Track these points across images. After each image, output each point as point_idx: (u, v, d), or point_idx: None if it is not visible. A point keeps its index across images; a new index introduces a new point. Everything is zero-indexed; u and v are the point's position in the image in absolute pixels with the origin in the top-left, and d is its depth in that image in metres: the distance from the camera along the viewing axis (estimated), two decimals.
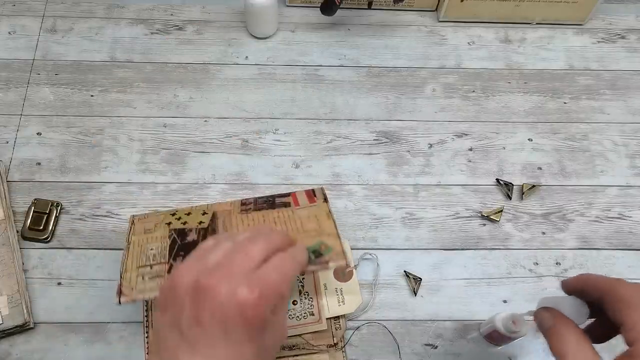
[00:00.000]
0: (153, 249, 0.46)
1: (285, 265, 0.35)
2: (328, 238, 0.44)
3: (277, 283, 0.33)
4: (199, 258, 0.35)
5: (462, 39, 0.70)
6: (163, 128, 0.62)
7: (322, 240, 0.43)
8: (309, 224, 0.46)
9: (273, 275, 0.33)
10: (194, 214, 0.50)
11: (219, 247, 0.35)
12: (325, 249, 0.42)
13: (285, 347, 0.49)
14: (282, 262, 0.35)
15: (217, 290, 0.31)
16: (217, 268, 0.33)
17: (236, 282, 0.32)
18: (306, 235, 0.44)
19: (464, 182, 0.60)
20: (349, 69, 0.67)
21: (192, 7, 0.70)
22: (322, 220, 0.46)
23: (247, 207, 0.50)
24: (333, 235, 0.44)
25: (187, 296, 0.32)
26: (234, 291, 0.31)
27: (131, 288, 0.43)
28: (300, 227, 0.46)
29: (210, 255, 0.34)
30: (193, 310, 0.32)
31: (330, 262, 0.41)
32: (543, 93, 0.66)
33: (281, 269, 0.34)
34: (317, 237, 0.44)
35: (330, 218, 0.46)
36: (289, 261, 0.36)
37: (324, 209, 0.47)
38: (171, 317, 0.33)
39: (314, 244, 0.43)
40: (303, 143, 0.62)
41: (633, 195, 0.60)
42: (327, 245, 0.43)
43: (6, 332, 0.50)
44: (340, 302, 0.52)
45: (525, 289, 0.55)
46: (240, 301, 0.31)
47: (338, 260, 0.41)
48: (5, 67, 0.65)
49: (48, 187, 0.58)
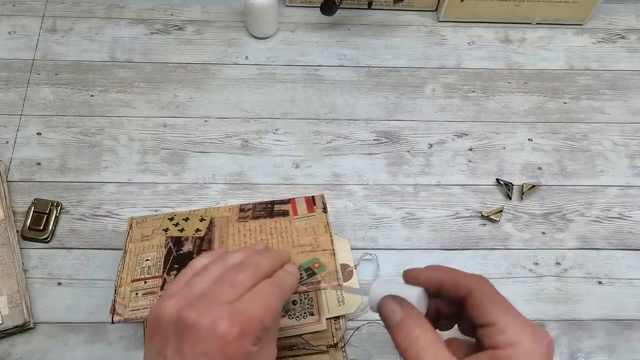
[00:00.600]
0: (149, 260, 0.46)
1: (270, 295, 0.34)
2: (323, 255, 0.43)
3: (259, 316, 0.33)
4: (186, 284, 0.35)
5: (462, 39, 0.70)
6: (163, 128, 0.62)
7: (317, 258, 0.43)
8: (305, 238, 0.45)
9: (256, 308, 0.33)
10: (192, 219, 0.49)
11: (207, 272, 0.35)
12: (318, 268, 0.42)
13: (284, 347, 0.49)
14: (267, 292, 0.34)
15: (198, 323, 0.31)
16: (201, 299, 0.33)
17: (218, 315, 0.31)
18: (301, 250, 0.44)
19: (464, 182, 0.60)
20: (349, 69, 0.67)
21: (192, 7, 0.70)
22: (319, 233, 0.46)
23: (246, 213, 0.49)
24: (328, 251, 0.43)
25: (170, 327, 0.32)
26: (215, 325, 0.31)
27: (124, 306, 0.43)
28: (296, 241, 0.45)
29: (197, 282, 0.34)
30: (175, 342, 0.32)
31: (322, 283, 0.41)
32: (543, 93, 0.66)
33: (265, 300, 0.34)
34: (312, 252, 0.43)
35: (328, 231, 0.46)
36: (276, 290, 0.35)
37: (322, 221, 0.47)
38: (158, 346, 0.33)
39: (307, 260, 0.42)
40: (303, 143, 0.62)
41: (633, 195, 0.60)
42: (320, 264, 0.42)
43: (6, 332, 0.49)
44: (340, 302, 0.52)
45: (525, 289, 0.55)
46: (220, 336, 0.31)
47: (330, 281, 0.41)
48: (5, 67, 0.65)
49: (48, 187, 0.58)
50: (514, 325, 0.30)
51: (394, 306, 0.33)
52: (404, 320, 0.31)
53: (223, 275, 0.35)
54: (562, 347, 0.52)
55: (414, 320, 0.31)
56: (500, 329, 0.30)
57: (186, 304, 0.33)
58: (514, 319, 0.30)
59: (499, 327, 0.30)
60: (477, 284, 0.33)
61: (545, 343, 0.30)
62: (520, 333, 0.29)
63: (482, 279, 0.33)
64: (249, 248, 0.40)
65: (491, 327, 0.30)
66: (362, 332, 0.52)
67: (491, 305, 0.31)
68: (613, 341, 0.52)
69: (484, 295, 0.32)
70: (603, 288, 0.55)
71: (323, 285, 0.41)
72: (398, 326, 0.31)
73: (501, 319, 0.30)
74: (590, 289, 0.55)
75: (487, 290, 0.32)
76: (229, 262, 0.37)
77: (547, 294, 0.54)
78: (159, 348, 0.33)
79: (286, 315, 0.49)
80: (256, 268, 0.36)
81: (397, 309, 0.32)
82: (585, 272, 0.56)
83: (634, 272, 0.56)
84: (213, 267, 0.36)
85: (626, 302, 0.54)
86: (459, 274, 0.34)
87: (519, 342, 0.29)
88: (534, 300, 0.54)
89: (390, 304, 0.33)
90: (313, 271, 0.42)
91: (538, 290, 0.55)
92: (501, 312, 0.31)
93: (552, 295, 0.54)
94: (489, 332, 0.30)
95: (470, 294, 0.32)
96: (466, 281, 0.33)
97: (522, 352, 0.29)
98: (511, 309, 0.31)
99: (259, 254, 0.38)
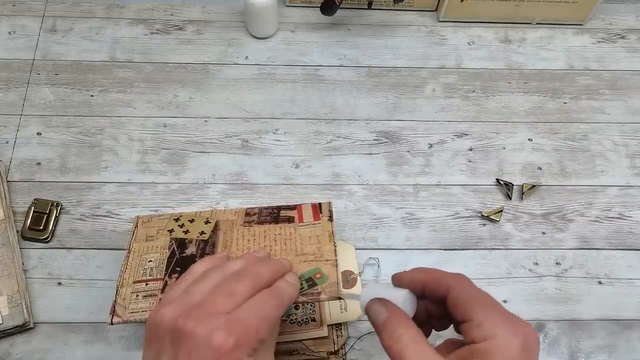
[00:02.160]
0: (151, 261, 0.46)
1: (268, 306, 0.35)
2: (325, 265, 0.43)
3: (256, 328, 0.33)
4: (185, 291, 0.35)
5: (462, 39, 0.70)
6: (163, 128, 0.62)
7: (319, 268, 0.42)
8: (309, 247, 0.45)
9: (252, 319, 0.33)
10: (197, 221, 0.49)
11: (206, 279, 0.35)
12: (319, 279, 0.41)
13: (285, 351, 0.49)
14: (265, 303, 0.35)
15: (194, 333, 0.31)
16: (198, 308, 0.33)
17: (214, 326, 0.32)
18: (304, 259, 0.44)
19: (464, 182, 0.60)
20: (349, 69, 0.67)
21: (192, 7, 0.70)
22: (323, 242, 0.45)
23: (251, 217, 0.49)
24: (331, 262, 0.43)
25: (167, 335, 0.32)
26: (210, 336, 0.31)
27: (124, 307, 0.43)
28: (300, 250, 0.45)
29: (196, 290, 0.35)
30: (171, 350, 0.32)
31: (322, 295, 0.40)
32: (543, 93, 0.66)
33: (263, 310, 0.34)
34: (315, 262, 0.43)
35: (332, 241, 0.45)
36: (274, 301, 0.35)
37: (327, 229, 0.46)
38: (154, 353, 0.33)
39: (309, 270, 0.42)
40: (303, 143, 0.62)
41: (633, 195, 0.60)
42: (322, 274, 0.42)
43: (6, 332, 0.49)
44: (343, 309, 0.51)
45: (525, 289, 0.55)
46: (215, 347, 0.31)
47: (331, 293, 0.41)
48: (5, 67, 0.65)
49: (48, 187, 0.58)
50: (490, 319, 0.31)
51: (379, 307, 0.34)
52: (388, 320, 0.33)
53: (222, 284, 0.35)
54: (562, 347, 0.52)
55: (398, 320, 0.33)
56: (476, 324, 0.31)
57: (183, 312, 0.33)
58: (492, 313, 0.31)
59: (475, 322, 0.31)
60: (455, 282, 0.34)
61: (522, 334, 0.30)
62: (496, 326, 0.30)
63: (461, 277, 0.34)
64: (250, 255, 0.40)
65: (469, 323, 0.31)
66: (364, 339, 0.51)
67: (468, 301, 0.32)
68: (613, 341, 0.52)
69: (462, 292, 0.33)
70: (603, 288, 0.55)
71: (323, 297, 0.40)
72: (383, 325, 0.33)
73: (478, 314, 0.31)
74: (590, 289, 0.55)
75: (465, 287, 0.33)
76: (229, 269, 0.37)
77: (547, 294, 0.54)
78: (155, 355, 0.33)
79: (288, 320, 0.49)
80: (255, 277, 0.36)
81: (382, 310, 0.34)
82: (585, 272, 0.56)
83: (634, 272, 0.56)
84: (213, 275, 0.36)
85: (626, 302, 0.54)
86: (440, 273, 0.35)
87: (494, 335, 0.30)
88: (534, 300, 0.54)
89: (376, 306, 0.34)
90: (314, 282, 0.41)
91: (538, 290, 0.55)
92: (478, 308, 0.32)
93: (552, 295, 0.54)
94: (468, 327, 0.31)
95: (449, 292, 0.33)
96: (445, 280, 0.34)
97: (497, 344, 0.30)
98: (489, 304, 0.32)
99: (260, 262, 0.38)
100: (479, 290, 0.34)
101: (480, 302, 0.32)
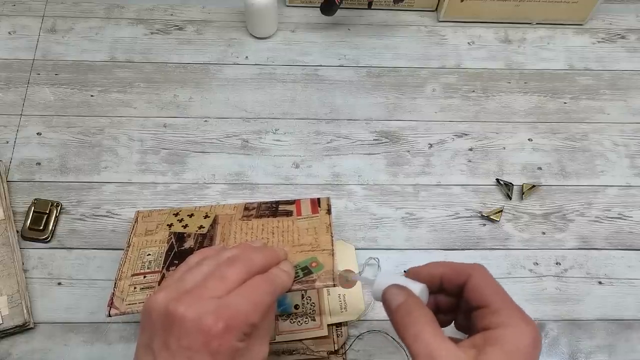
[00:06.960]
0: (150, 255, 0.46)
1: (259, 291, 0.35)
2: (322, 254, 0.43)
3: (246, 312, 0.33)
4: (179, 278, 0.35)
5: (462, 39, 0.70)
6: (163, 128, 0.62)
7: (315, 257, 0.43)
8: (306, 238, 0.45)
9: (243, 303, 0.33)
10: (196, 216, 0.50)
11: (200, 267, 0.36)
12: (315, 267, 0.41)
13: (285, 351, 0.49)
14: (256, 288, 0.35)
15: (184, 317, 0.31)
16: (189, 293, 0.33)
17: (204, 310, 0.32)
18: (300, 250, 0.44)
19: (464, 182, 0.60)
20: (349, 69, 0.67)
21: (192, 7, 0.70)
22: (321, 233, 0.45)
23: (250, 212, 0.49)
24: (328, 251, 0.43)
25: (159, 320, 0.33)
26: (200, 319, 0.31)
27: (122, 299, 0.43)
28: (297, 240, 0.45)
29: (189, 277, 0.35)
30: (162, 335, 0.32)
31: (317, 282, 0.40)
32: (543, 93, 0.66)
33: (254, 296, 0.34)
34: (311, 252, 0.43)
35: (329, 232, 0.45)
36: (266, 286, 0.35)
37: (325, 222, 0.47)
38: (147, 339, 0.33)
39: (305, 259, 0.42)
40: (303, 143, 0.62)
41: (633, 195, 0.60)
42: (318, 263, 0.42)
43: (6, 332, 0.49)
44: (343, 309, 0.51)
45: (525, 289, 0.55)
46: (204, 330, 0.31)
47: (326, 280, 0.41)
48: (5, 67, 0.65)
49: (48, 187, 0.58)
50: (506, 308, 0.32)
51: (397, 291, 0.34)
52: (405, 302, 0.33)
53: (214, 270, 0.35)
54: (562, 347, 0.52)
55: (414, 303, 0.33)
56: (493, 310, 0.32)
57: (175, 297, 0.33)
58: (508, 303, 0.32)
59: (492, 309, 0.32)
60: (475, 271, 0.35)
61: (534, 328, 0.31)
62: (512, 316, 0.31)
63: (481, 266, 0.35)
64: (245, 244, 0.40)
65: (486, 309, 0.32)
66: (365, 339, 0.51)
67: (487, 288, 0.33)
68: (613, 341, 0.52)
69: (482, 279, 0.34)
70: (603, 288, 0.55)
71: (318, 284, 0.40)
72: (398, 307, 0.33)
73: (496, 301, 0.32)
74: (590, 289, 0.55)
75: (485, 275, 0.34)
76: (223, 257, 0.37)
77: (547, 294, 0.54)
78: (147, 341, 0.33)
79: (287, 320, 0.49)
80: (248, 263, 0.36)
81: (399, 293, 0.34)
82: (585, 272, 0.56)
83: (634, 272, 0.56)
84: (206, 262, 0.36)
85: (626, 302, 0.54)
86: (458, 264, 0.36)
87: (510, 324, 0.31)
88: (533, 301, 0.54)
89: (394, 289, 0.35)
90: (310, 270, 0.41)
91: (538, 290, 0.55)
92: (496, 296, 0.33)
93: (552, 295, 0.54)
94: (484, 313, 0.32)
95: (470, 279, 0.34)
96: (465, 269, 0.35)
97: (511, 332, 0.31)
98: (505, 294, 0.33)
99: (254, 250, 0.38)
100: (495, 280, 0.34)
101: (497, 291, 0.33)
